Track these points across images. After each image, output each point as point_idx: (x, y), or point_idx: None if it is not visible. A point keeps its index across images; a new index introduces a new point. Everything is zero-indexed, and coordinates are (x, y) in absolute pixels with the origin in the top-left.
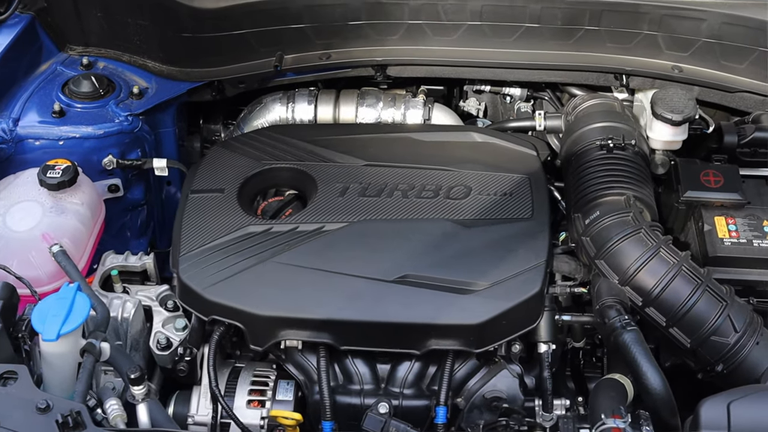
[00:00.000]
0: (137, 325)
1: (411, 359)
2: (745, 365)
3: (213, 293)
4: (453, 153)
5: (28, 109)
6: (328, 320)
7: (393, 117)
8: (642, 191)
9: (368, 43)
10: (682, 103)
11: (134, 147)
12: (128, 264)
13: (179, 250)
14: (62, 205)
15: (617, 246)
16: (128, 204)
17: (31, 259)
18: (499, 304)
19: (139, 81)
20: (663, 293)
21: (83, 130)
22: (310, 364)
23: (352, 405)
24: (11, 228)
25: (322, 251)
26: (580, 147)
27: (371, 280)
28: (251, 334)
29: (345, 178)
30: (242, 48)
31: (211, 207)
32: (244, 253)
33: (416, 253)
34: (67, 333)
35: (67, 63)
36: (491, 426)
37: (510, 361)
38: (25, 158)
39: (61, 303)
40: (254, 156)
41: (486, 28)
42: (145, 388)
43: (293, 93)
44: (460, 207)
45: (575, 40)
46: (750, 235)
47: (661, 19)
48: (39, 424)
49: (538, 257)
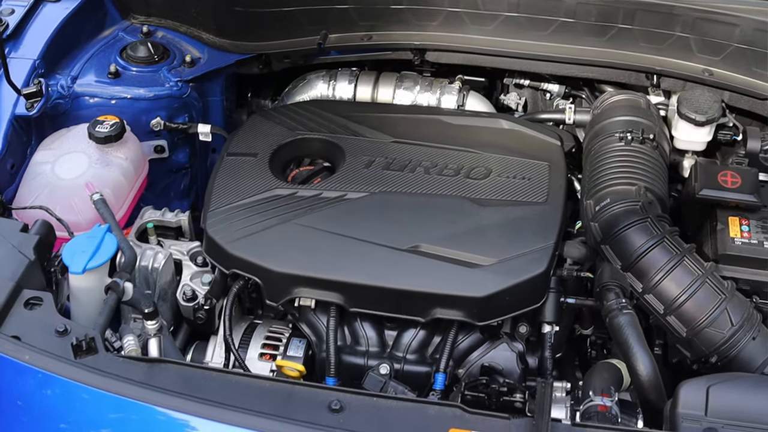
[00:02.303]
0: (166, 277)
1: (416, 327)
2: (740, 359)
3: (235, 248)
4: (479, 137)
5: (87, 69)
6: (340, 282)
7: (428, 101)
8: (655, 184)
9: (408, 27)
10: (707, 105)
11: (182, 112)
12: (164, 219)
13: (209, 207)
14: (107, 158)
15: (623, 233)
16: (173, 166)
17: (73, 206)
18: (503, 279)
19: (193, 51)
20: (663, 281)
21: (135, 91)
22: (322, 323)
23: (356, 365)
24: (58, 176)
25: (341, 217)
26: (600, 138)
27: (385, 248)
28: (268, 289)
29: (372, 151)
30: (289, 24)
31: (243, 169)
32: (268, 214)
33: (430, 226)
34: (93, 268)
35: (128, 30)
36: (472, 384)
37: (514, 339)
38: (79, 114)
39: (91, 241)
40: (290, 126)
41: (522, 20)
42: (157, 323)
43: (336, 72)
44: (478, 187)
45: (609, 38)
46: (762, 236)
47: (693, 21)
48: (56, 344)
49: (546, 240)
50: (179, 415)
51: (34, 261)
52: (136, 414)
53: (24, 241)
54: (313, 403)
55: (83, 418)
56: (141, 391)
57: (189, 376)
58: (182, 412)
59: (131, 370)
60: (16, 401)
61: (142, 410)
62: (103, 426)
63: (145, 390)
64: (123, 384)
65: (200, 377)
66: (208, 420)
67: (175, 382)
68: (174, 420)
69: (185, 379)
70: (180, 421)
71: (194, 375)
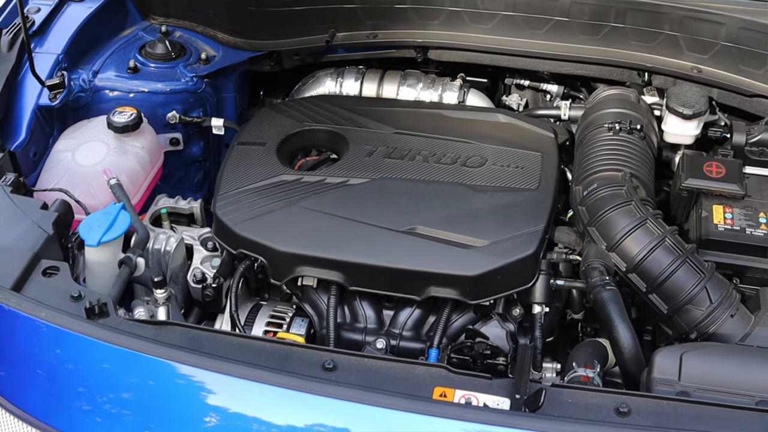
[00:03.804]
0: (178, 260)
1: (412, 306)
2: (718, 336)
3: (242, 229)
4: (476, 129)
5: (108, 64)
6: (340, 261)
7: (430, 98)
8: (641, 171)
9: (412, 26)
10: (694, 99)
11: (197, 106)
12: (177, 206)
13: (219, 191)
14: (125, 147)
15: (608, 215)
16: (187, 158)
17: (92, 190)
18: (495, 259)
19: (208, 49)
20: (645, 260)
21: (152, 86)
22: (323, 302)
23: (354, 340)
24: (78, 162)
25: (343, 201)
26: (591, 128)
27: (383, 229)
28: (272, 268)
29: (375, 141)
30: (299, 23)
31: (252, 157)
32: (274, 197)
33: (427, 209)
34: (107, 242)
35: (148, 30)
36: (458, 347)
37: (507, 320)
38: (100, 107)
39: (106, 217)
40: (297, 118)
41: (519, 19)
42: (166, 293)
43: (343, 69)
44: (474, 174)
45: (602, 36)
46: (744, 223)
47: (681, 20)
48: (70, 308)
49: (537, 223)
50: (185, 368)
51: (53, 236)
52: (144, 367)
53: (43, 218)
54: (308, 363)
55: (94, 371)
56: (148, 346)
57: (193, 336)
58: (188, 365)
59: (140, 330)
60: (33, 356)
61: (149, 363)
62: (113, 377)
63: (152, 344)
64: (131, 339)
65: (204, 338)
66: (212, 371)
67: (180, 341)
68: (179, 373)
69: (190, 339)
70: (185, 375)
71: (199, 335)
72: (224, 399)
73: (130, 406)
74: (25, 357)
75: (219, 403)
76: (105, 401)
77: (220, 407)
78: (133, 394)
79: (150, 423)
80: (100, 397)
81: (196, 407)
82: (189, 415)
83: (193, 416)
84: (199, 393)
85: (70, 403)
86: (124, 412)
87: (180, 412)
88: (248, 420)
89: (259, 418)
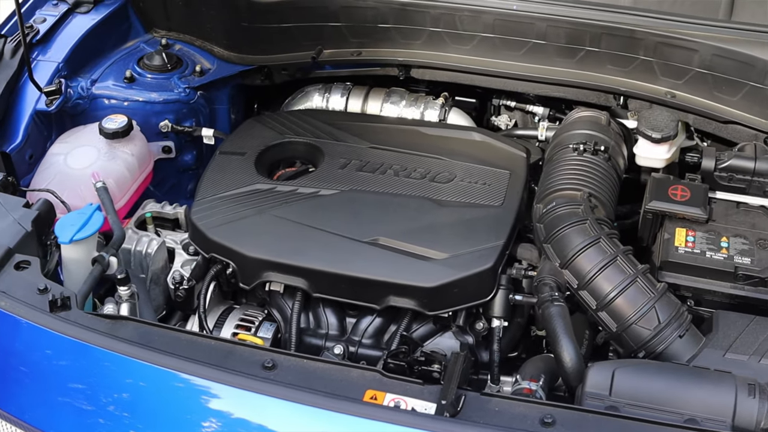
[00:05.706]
0: (159, 262)
1: (373, 314)
2: (665, 355)
3: (215, 234)
4: (450, 146)
5: (106, 74)
6: (304, 268)
7: (412, 115)
8: (601, 191)
9: (395, 45)
10: (663, 123)
11: (189, 116)
12: (163, 211)
13: (196, 197)
14: (114, 152)
15: (563, 232)
16: (180, 166)
17: (80, 192)
18: (452, 272)
19: (204, 62)
20: (596, 278)
21: (147, 95)
22: (289, 307)
23: (314, 345)
24: (69, 165)
25: (312, 210)
26: (558, 149)
27: (347, 239)
28: (241, 272)
29: (349, 155)
30: (288, 39)
31: (231, 166)
32: (247, 205)
33: (391, 221)
34: (80, 240)
35: (149, 42)
36: (393, 353)
37: (467, 333)
38: (96, 114)
39: (80, 217)
40: (279, 130)
41: (497, 41)
42: (129, 290)
43: (331, 86)
44: (441, 189)
45: (578, 60)
46: (705, 247)
47: (655, 46)
48: (36, 300)
49: (498, 239)
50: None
51: (31, 232)
52: (95, 358)
53: (24, 215)
54: (248, 361)
55: (45, 359)
56: (100, 339)
57: (145, 332)
58: (135, 359)
59: (96, 324)
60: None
61: (99, 355)
62: (62, 365)
63: (104, 337)
64: (84, 331)
65: (155, 333)
66: (155, 366)
67: (131, 336)
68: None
69: (141, 334)
70: (133, 368)
71: (150, 331)
72: (163, 391)
73: (79, 395)
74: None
75: (158, 395)
76: (55, 389)
77: (158, 398)
78: (84, 384)
79: (101, 414)
80: (51, 384)
81: (140, 398)
82: (136, 406)
83: (138, 406)
84: (141, 384)
85: (18, 389)
86: (76, 402)
87: (128, 401)
88: (182, 411)
89: (193, 409)
